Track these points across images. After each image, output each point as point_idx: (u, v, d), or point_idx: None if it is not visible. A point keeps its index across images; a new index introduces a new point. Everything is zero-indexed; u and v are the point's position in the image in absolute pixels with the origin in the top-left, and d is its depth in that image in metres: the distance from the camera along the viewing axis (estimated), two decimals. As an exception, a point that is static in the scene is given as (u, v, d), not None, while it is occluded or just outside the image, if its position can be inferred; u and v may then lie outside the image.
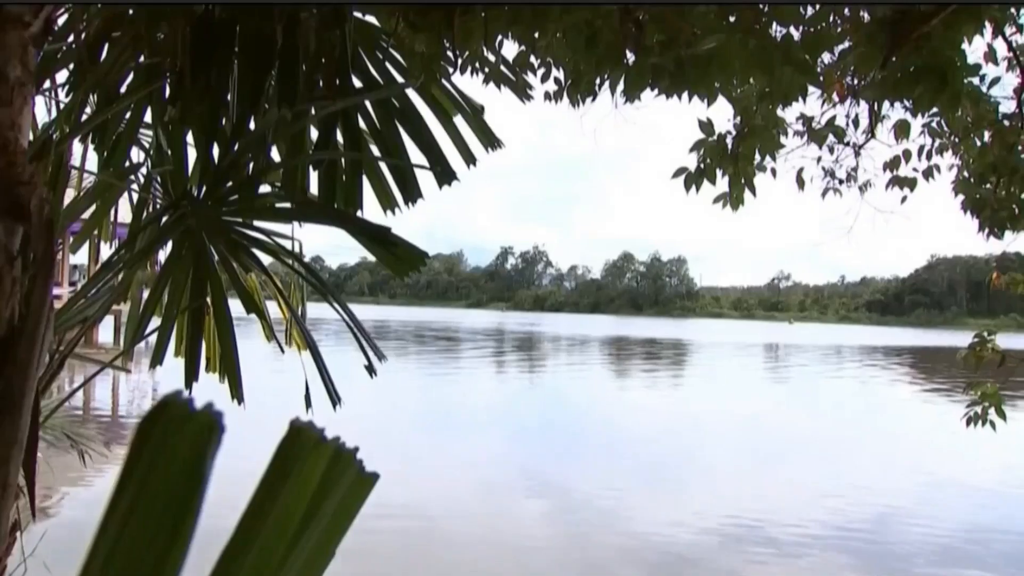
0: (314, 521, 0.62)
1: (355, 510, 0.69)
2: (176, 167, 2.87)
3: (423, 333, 59.14)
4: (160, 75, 2.75)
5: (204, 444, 0.47)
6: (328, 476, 0.62)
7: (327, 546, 0.68)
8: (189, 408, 0.47)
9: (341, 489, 0.64)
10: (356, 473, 0.66)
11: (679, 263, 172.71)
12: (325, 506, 0.63)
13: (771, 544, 9.62)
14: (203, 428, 0.47)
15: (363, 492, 0.69)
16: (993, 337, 6.30)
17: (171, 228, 2.62)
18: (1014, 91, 5.43)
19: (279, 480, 0.58)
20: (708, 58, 3.13)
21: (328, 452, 0.60)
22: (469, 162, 3.34)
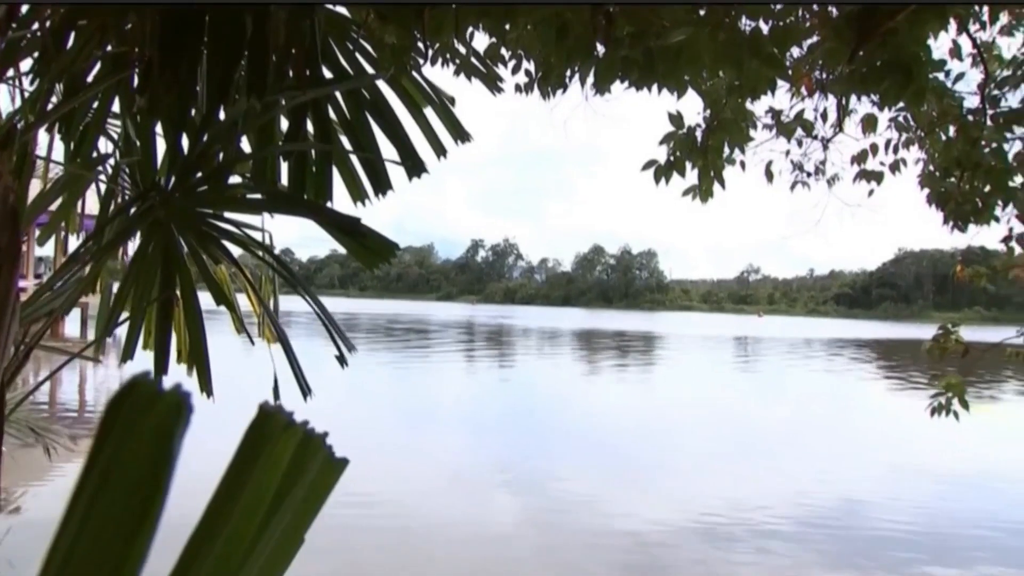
0: (283, 505, 0.63)
1: (324, 495, 0.69)
2: (145, 158, 2.85)
3: (393, 326, 58.99)
4: (128, 64, 2.73)
5: (172, 424, 0.47)
6: (297, 460, 0.62)
7: (296, 531, 0.68)
8: (157, 388, 0.47)
9: (310, 474, 0.65)
10: (325, 458, 0.66)
11: (649, 256, 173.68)
12: (294, 490, 0.63)
13: (742, 535, 9.71)
14: (171, 408, 0.47)
15: (332, 477, 0.69)
16: (956, 329, 6.40)
17: (140, 219, 2.60)
18: (978, 87, 5.50)
19: (248, 463, 0.58)
20: (677, 51, 3.15)
21: (297, 436, 0.61)
22: (439, 154, 3.34)
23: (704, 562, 8.81)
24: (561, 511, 10.62)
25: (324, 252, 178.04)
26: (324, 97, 2.95)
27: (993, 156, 5.38)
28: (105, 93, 2.96)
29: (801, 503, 11.28)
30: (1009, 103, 5.45)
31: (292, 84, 2.83)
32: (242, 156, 2.88)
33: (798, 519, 10.49)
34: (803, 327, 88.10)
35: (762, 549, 9.24)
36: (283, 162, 3.01)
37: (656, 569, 8.55)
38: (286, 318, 2.98)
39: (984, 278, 7.05)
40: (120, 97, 2.97)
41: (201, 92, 2.78)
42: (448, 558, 8.59)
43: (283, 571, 0.69)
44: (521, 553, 8.91)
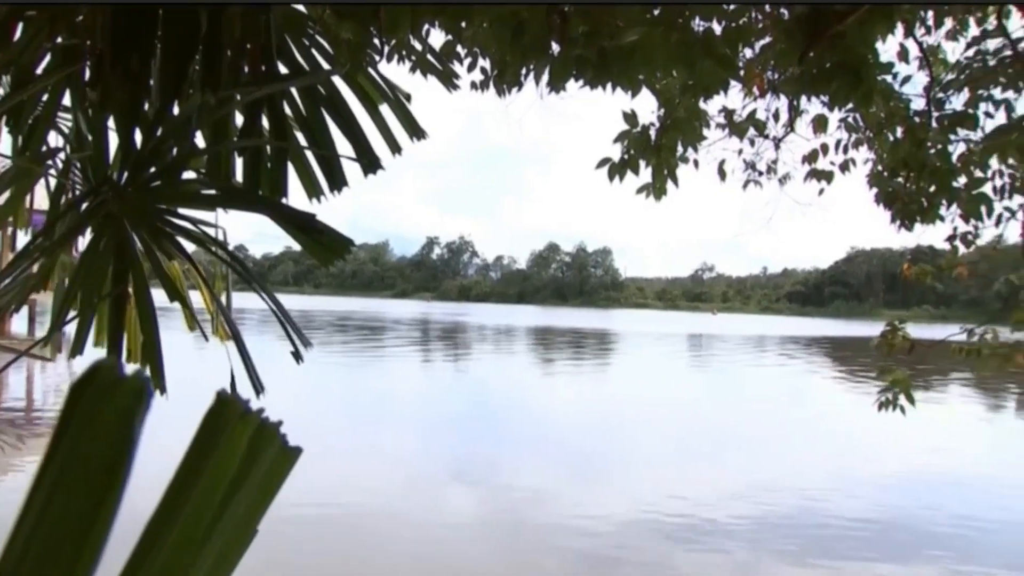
0: (239, 493, 0.64)
1: (278, 485, 0.70)
2: (96, 152, 2.82)
3: (348, 323, 58.65)
4: (79, 57, 2.70)
5: (134, 408, 0.48)
6: (253, 448, 0.63)
7: (251, 521, 0.69)
8: (119, 373, 0.49)
9: (265, 462, 0.66)
10: (279, 447, 0.68)
11: (604, 254, 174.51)
12: (250, 479, 0.64)
13: (697, 531, 9.81)
14: (133, 393, 0.49)
15: (286, 466, 0.70)
16: (903, 326, 6.53)
17: (92, 214, 2.58)
18: (924, 89, 5.63)
19: (205, 450, 0.59)
20: (631, 51, 3.18)
21: (253, 424, 0.62)
22: (395, 151, 3.34)
23: (659, 558, 8.89)
24: (516, 508, 10.66)
25: (278, 249, 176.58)
26: (279, 93, 2.94)
27: (938, 157, 5.51)
28: (55, 86, 2.92)
29: (755, 499, 11.42)
30: (953, 106, 5.58)
31: (247, 80, 2.82)
32: (196, 152, 2.86)
33: (752, 515, 10.62)
34: (757, 325, 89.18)
35: (716, 545, 9.35)
36: (238, 158, 3.00)
37: (611, 566, 8.62)
38: (239, 315, 2.97)
39: (930, 276, 7.21)
40: (71, 90, 2.94)
41: (155, 87, 2.76)
42: (402, 555, 8.59)
43: (237, 561, 0.70)
44: (476, 550, 8.94)
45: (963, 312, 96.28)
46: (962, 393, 26.41)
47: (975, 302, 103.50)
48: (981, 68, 5.26)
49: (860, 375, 30.23)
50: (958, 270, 6.90)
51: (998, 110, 5.31)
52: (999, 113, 5.34)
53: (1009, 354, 6.28)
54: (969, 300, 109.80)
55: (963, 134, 5.50)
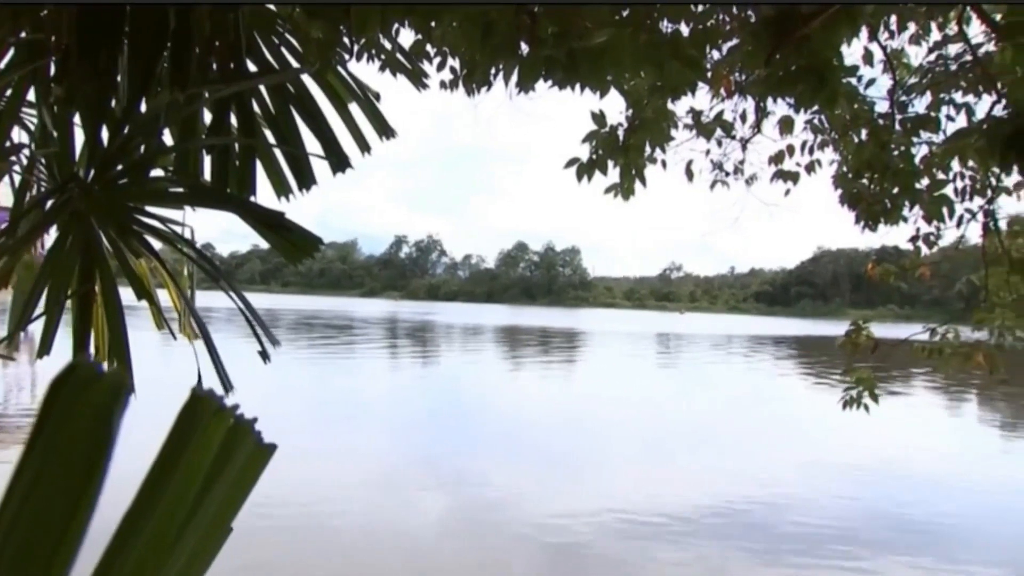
0: (213, 489, 0.64)
1: (253, 481, 0.71)
2: (62, 149, 2.79)
3: (316, 322, 58.34)
4: (44, 52, 2.68)
5: (112, 404, 0.49)
6: (227, 444, 0.64)
7: (225, 517, 0.70)
8: (97, 370, 0.49)
9: (240, 458, 0.66)
10: (254, 443, 0.68)
11: (572, 253, 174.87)
12: (224, 474, 0.65)
13: (664, 530, 9.86)
14: (111, 389, 0.49)
15: (261, 463, 0.71)
16: (867, 325, 6.63)
17: (58, 212, 2.56)
18: (888, 92, 5.71)
19: (180, 446, 0.60)
20: (600, 52, 3.20)
21: (227, 420, 0.63)
22: (364, 150, 3.34)
23: (627, 556, 8.93)
24: (484, 507, 10.67)
25: (245, 247, 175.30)
26: (248, 91, 2.93)
27: (901, 159, 5.59)
28: (19, 81, 2.89)
29: (723, 497, 11.51)
30: (916, 109, 5.66)
31: (216, 77, 2.81)
32: (164, 149, 2.85)
33: (720, 513, 10.71)
34: (724, 324, 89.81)
35: (685, 543, 9.41)
36: (206, 156, 2.99)
37: (578, 563, 8.65)
38: (205, 314, 2.95)
39: (893, 276, 7.31)
40: (36, 86, 2.91)
41: (122, 83, 2.74)
42: (371, 555, 8.57)
43: (211, 559, 0.71)
44: (444, 548, 8.93)
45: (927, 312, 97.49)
46: (927, 392, 26.78)
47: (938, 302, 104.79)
48: (943, 72, 5.35)
49: (826, 374, 30.53)
50: (921, 270, 7.00)
51: (959, 113, 5.40)
52: (960, 116, 5.44)
53: (970, 353, 6.39)
54: (932, 300, 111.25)
55: (925, 137, 5.58)
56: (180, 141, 3.02)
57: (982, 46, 4.77)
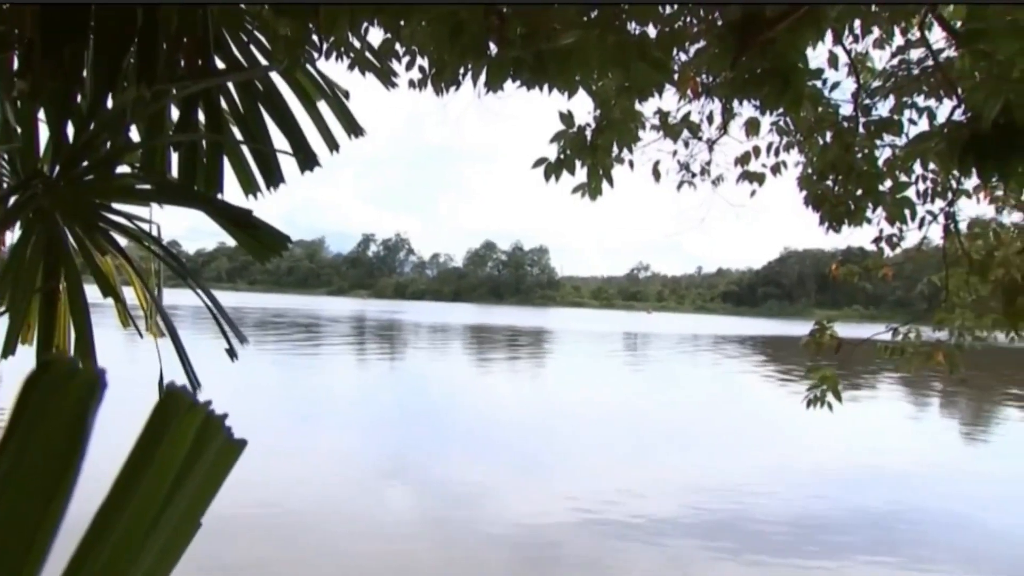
0: (185, 483, 0.65)
1: (223, 476, 0.72)
2: (26, 145, 2.77)
3: (283, 320, 58.01)
4: (7, 46, 2.65)
5: (87, 400, 0.50)
6: (199, 440, 0.65)
7: (195, 512, 0.71)
8: (72, 366, 0.50)
9: (211, 453, 0.67)
10: (224, 439, 0.69)
11: (540, 252, 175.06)
12: (195, 469, 0.66)
13: (632, 529, 9.92)
14: (86, 385, 0.50)
15: (231, 459, 0.72)
16: (831, 325, 6.71)
17: (22, 208, 2.53)
18: (852, 95, 5.78)
19: (154, 441, 0.61)
20: (568, 53, 3.23)
21: (200, 415, 0.64)
22: (332, 148, 3.34)
23: (596, 554, 8.98)
24: (453, 506, 10.67)
25: (212, 245, 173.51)
26: (216, 87, 2.92)
27: (865, 161, 5.66)
28: (-18, 76, 2.86)
29: (690, 495, 11.59)
30: (880, 112, 5.74)
31: (183, 74, 2.80)
32: (131, 145, 2.83)
33: (687, 511, 10.78)
34: (691, 324, 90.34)
35: (652, 541, 9.46)
36: (173, 153, 2.97)
37: (548, 562, 8.68)
38: (171, 312, 2.94)
39: (857, 277, 7.41)
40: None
41: (88, 78, 2.72)
42: (336, 553, 8.55)
43: (181, 553, 0.72)
44: (412, 547, 8.93)
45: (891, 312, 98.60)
46: (892, 391, 27.13)
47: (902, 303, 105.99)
48: (905, 76, 5.42)
49: (793, 373, 30.81)
50: (883, 271, 7.10)
51: (921, 117, 5.48)
52: (922, 120, 5.52)
53: (930, 353, 6.49)
54: (897, 301, 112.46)
55: (888, 139, 5.66)
56: (147, 138, 3.00)
57: (943, 52, 4.86)
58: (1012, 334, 6.63)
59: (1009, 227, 6.95)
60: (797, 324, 74.49)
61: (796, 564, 8.97)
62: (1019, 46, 2.71)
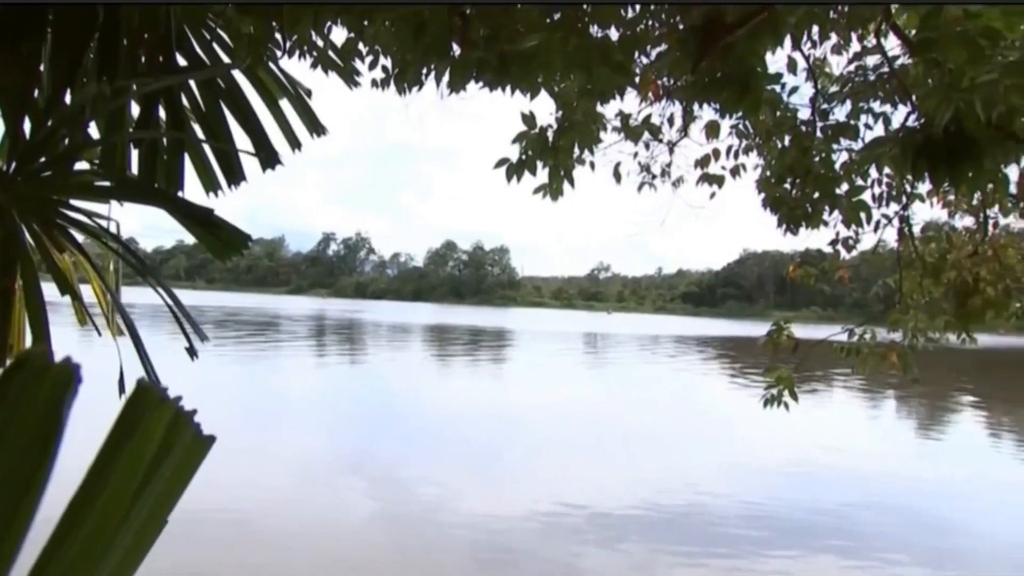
0: (154, 479, 0.66)
1: (191, 473, 0.73)
2: (-18, 140, 2.74)
3: (242, 319, 57.52)
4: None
5: (61, 394, 0.51)
6: (169, 435, 0.66)
7: (163, 508, 0.72)
8: (48, 360, 0.51)
9: (180, 449, 0.68)
10: (193, 435, 0.70)
11: (501, 252, 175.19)
12: (164, 465, 0.67)
13: (591, 529, 9.97)
14: (61, 379, 0.51)
15: (199, 455, 0.73)
16: (788, 326, 6.81)
17: (-22, 204, 2.50)
18: (810, 100, 5.87)
19: (125, 435, 0.62)
20: (530, 55, 3.25)
21: (170, 411, 0.65)
22: (294, 146, 3.33)
23: (556, 555, 9.01)
24: (413, 506, 10.66)
25: (170, 242, 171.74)
26: (177, 85, 2.91)
27: (822, 165, 5.75)
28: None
29: (649, 496, 11.66)
30: (837, 116, 5.83)
31: (144, 70, 2.78)
32: (90, 142, 2.81)
33: (646, 512, 10.85)
34: (651, 324, 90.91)
35: (611, 542, 9.52)
36: (134, 150, 2.95)
37: (505, 561, 8.70)
38: (128, 310, 2.91)
39: (814, 278, 7.52)
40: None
41: (46, 73, 2.70)
42: (295, 554, 8.51)
43: (148, 549, 0.73)
44: (370, 547, 8.91)
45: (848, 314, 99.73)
46: (847, 391, 27.51)
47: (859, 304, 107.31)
48: (862, 82, 5.51)
49: (751, 374, 31.13)
50: (839, 273, 7.21)
51: (877, 122, 5.58)
52: (878, 125, 5.61)
53: (885, 353, 6.61)
54: (854, 303, 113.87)
55: (845, 144, 5.75)
56: (106, 134, 2.98)
57: (898, 59, 4.94)
58: (963, 335, 6.77)
59: (961, 231, 7.11)
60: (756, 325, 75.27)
61: (752, 562, 9.06)
62: (968, 55, 2.78)
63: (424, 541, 9.22)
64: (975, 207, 6.61)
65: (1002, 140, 3.15)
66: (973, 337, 6.84)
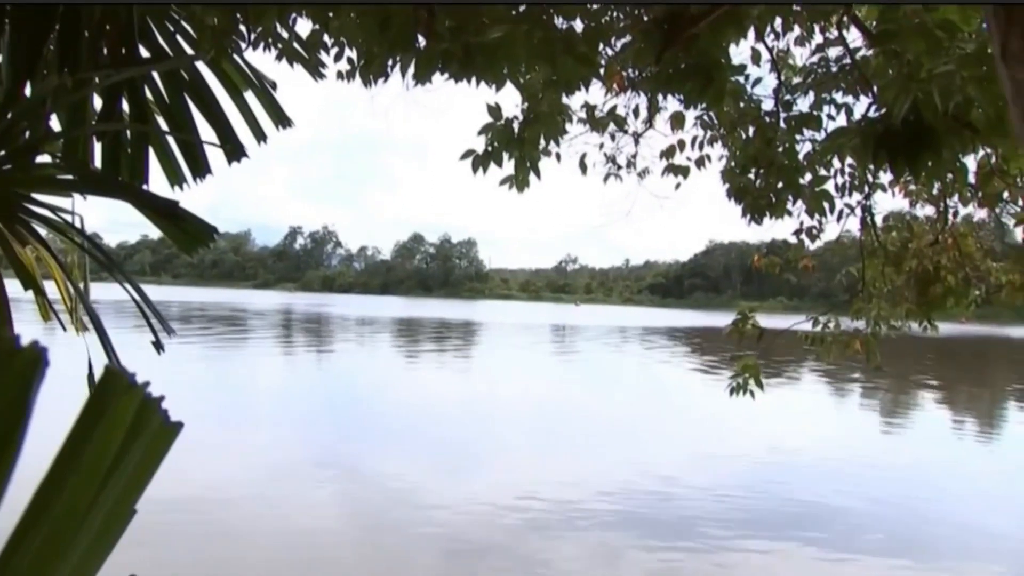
0: (122, 465, 0.67)
1: (159, 459, 0.73)
2: (-59, 134, 2.70)
3: (209, 314, 57.05)
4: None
5: (30, 376, 0.52)
6: (137, 421, 0.66)
7: (130, 496, 0.72)
8: (15, 344, 0.52)
9: (148, 435, 0.69)
10: (160, 422, 0.71)
11: (469, 245, 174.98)
12: (133, 451, 0.67)
13: (560, 521, 10.00)
14: (28, 362, 0.52)
15: (167, 441, 0.73)
16: (752, 315, 6.87)
17: (-62, 198, 2.47)
18: (773, 91, 5.92)
19: (93, 421, 0.62)
20: (495, 46, 3.26)
21: (138, 397, 0.65)
22: (259, 139, 3.32)
23: (524, 547, 9.04)
24: (382, 500, 10.65)
25: (135, 237, 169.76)
26: (141, 77, 2.88)
27: (786, 155, 5.81)
28: None
29: (618, 487, 11.72)
30: (800, 107, 5.89)
31: (107, 62, 2.76)
32: (51, 135, 2.78)
33: (615, 503, 10.90)
34: (619, 316, 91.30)
35: (576, 533, 9.56)
36: (97, 143, 2.93)
37: (475, 555, 8.72)
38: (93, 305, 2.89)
39: (778, 268, 7.60)
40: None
41: (4, 66, 2.67)
42: (263, 549, 8.48)
43: (115, 541, 0.73)
44: (342, 541, 8.90)
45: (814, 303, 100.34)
46: (815, 381, 27.82)
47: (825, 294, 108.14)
48: (824, 73, 5.58)
49: (719, 363, 31.36)
50: (803, 262, 7.29)
51: (839, 113, 5.65)
52: (841, 116, 5.69)
53: (848, 341, 6.70)
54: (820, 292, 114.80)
55: (808, 134, 5.81)
56: (68, 127, 2.95)
57: (860, 50, 5.01)
58: (925, 323, 6.87)
59: (922, 220, 7.21)
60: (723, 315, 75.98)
61: (720, 553, 9.13)
62: (926, 46, 2.83)
63: (391, 535, 9.22)
64: (936, 197, 6.70)
65: (959, 130, 3.21)
66: (935, 325, 6.95)
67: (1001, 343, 59.62)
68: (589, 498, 10.97)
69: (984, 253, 6.94)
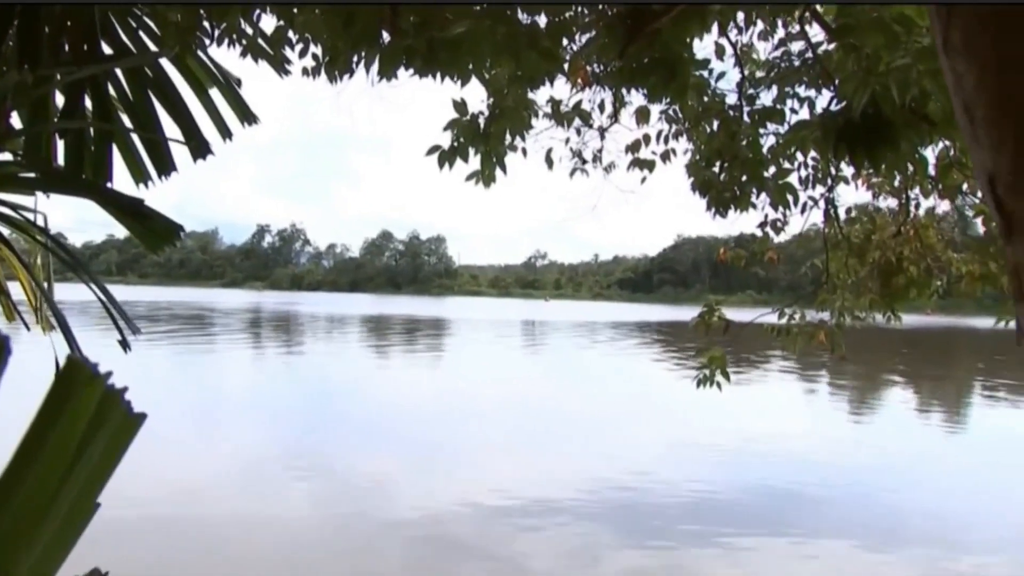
0: (84, 456, 0.67)
1: (122, 451, 0.73)
2: (-100, 132, 2.67)
3: (176, 313, 56.56)
4: None
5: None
6: (99, 412, 0.67)
7: (93, 488, 0.72)
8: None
9: (111, 427, 0.69)
10: (123, 413, 0.71)
11: (438, 242, 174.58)
12: (95, 442, 0.68)
13: (533, 518, 10.02)
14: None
15: (130, 432, 0.74)
16: (718, 308, 6.93)
17: (-103, 197, 2.45)
18: (736, 85, 5.98)
19: (55, 411, 0.63)
20: (459, 42, 3.27)
21: (100, 387, 0.66)
22: (225, 136, 3.31)
23: (500, 545, 9.05)
24: (350, 496, 10.63)
25: (100, 237, 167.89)
26: (104, 73, 2.87)
27: (750, 149, 5.86)
28: None
29: (589, 481, 11.76)
30: (763, 101, 5.95)
31: (69, 59, 2.74)
32: (12, 132, 2.76)
33: (586, 497, 10.94)
34: (588, 311, 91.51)
35: (551, 529, 9.58)
36: (59, 140, 2.91)
37: (447, 552, 8.72)
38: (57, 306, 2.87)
39: (744, 261, 7.66)
40: None
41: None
42: (235, 547, 8.44)
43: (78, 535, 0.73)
44: (311, 539, 8.87)
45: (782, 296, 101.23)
46: (783, 372, 28.06)
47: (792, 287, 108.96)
48: (788, 67, 5.63)
49: (688, 357, 31.52)
50: (768, 255, 7.35)
51: (802, 106, 5.71)
52: (804, 109, 5.75)
53: (813, 332, 6.78)
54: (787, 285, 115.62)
55: (772, 128, 5.87)
56: (30, 124, 2.92)
57: (821, 45, 5.06)
58: (888, 314, 6.96)
59: (885, 212, 7.30)
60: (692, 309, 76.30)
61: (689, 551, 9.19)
62: (883, 40, 2.89)
63: (362, 533, 9.20)
64: (898, 189, 6.79)
65: (916, 123, 3.27)
66: (898, 315, 7.04)
67: (965, 334, 60.42)
68: (560, 493, 10.99)
69: (945, 244, 7.05)
